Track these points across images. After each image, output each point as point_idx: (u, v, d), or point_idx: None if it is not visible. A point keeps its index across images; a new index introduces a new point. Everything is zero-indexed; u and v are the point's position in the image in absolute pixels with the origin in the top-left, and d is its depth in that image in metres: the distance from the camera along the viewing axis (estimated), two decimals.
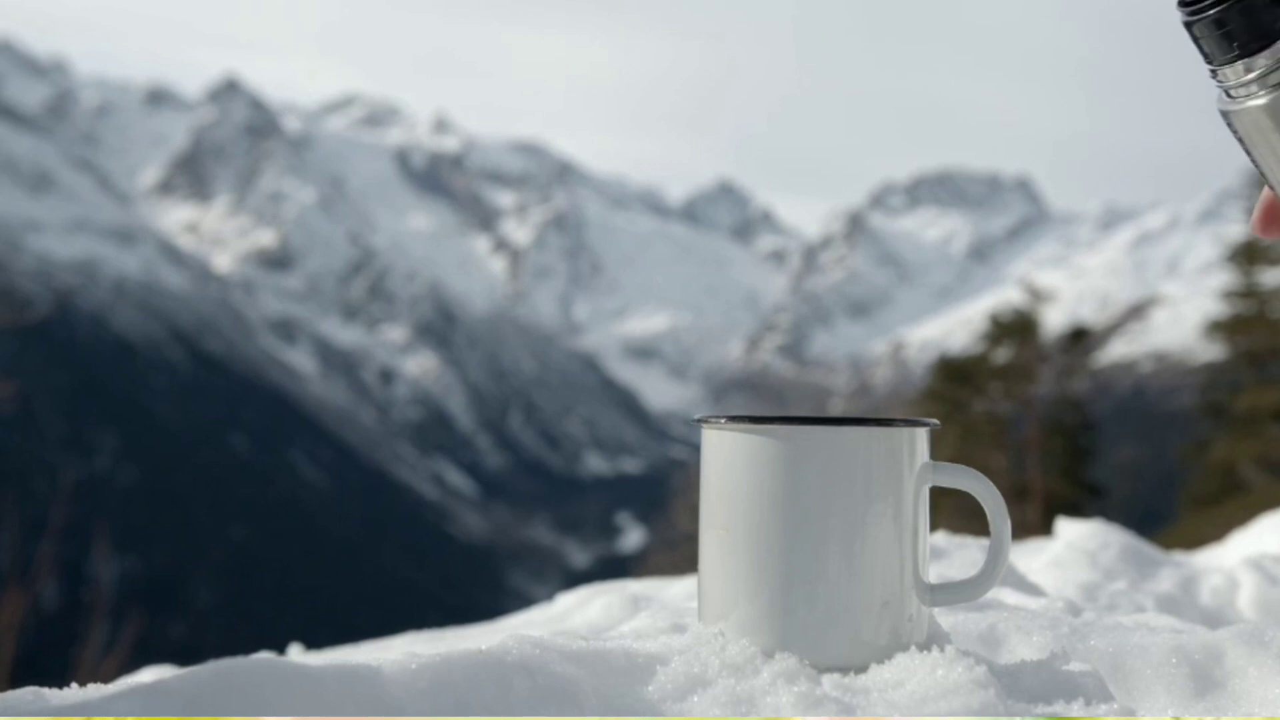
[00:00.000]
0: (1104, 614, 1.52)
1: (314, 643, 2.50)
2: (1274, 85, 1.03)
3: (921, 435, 1.09)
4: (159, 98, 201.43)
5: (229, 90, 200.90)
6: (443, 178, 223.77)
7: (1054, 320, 30.66)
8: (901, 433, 1.08)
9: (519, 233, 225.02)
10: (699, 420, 1.11)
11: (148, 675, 1.46)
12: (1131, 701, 1.10)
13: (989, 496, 1.09)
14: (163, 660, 2.48)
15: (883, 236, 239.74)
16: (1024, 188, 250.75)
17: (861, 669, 1.04)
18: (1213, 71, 1.05)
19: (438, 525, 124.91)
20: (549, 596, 2.36)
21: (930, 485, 1.11)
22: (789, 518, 1.06)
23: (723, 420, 1.09)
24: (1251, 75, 1.03)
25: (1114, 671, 1.13)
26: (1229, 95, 1.05)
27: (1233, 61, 1.03)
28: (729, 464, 1.08)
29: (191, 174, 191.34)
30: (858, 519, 1.06)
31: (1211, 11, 1.01)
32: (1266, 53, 1.02)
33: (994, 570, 1.10)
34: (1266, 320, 22.75)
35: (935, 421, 1.11)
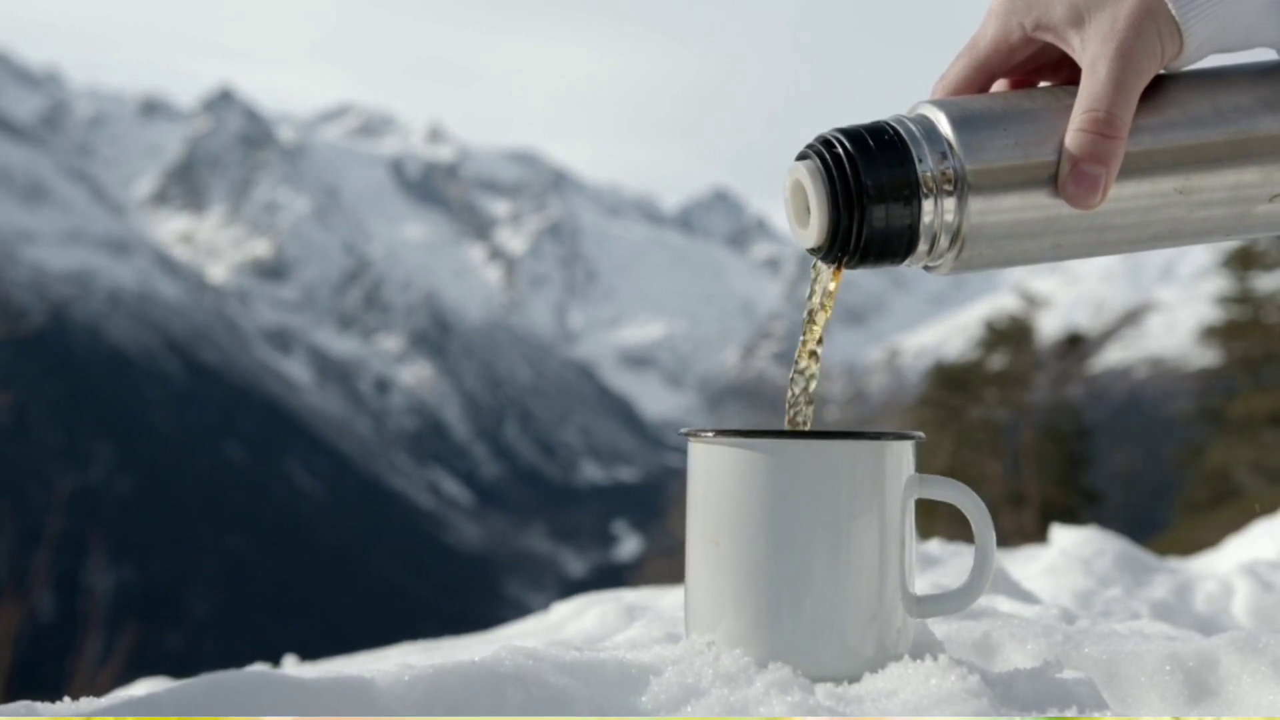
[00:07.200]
0: (1098, 621, 1.52)
1: (310, 652, 2.50)
2: (954, 245, 1.01)
3: (907, 448, 1.09)
4: (153, 108, 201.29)
5: (223, 100, 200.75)
6: (437, 187, 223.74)
7: (1049, 326, 30.64)
8: (887, 446, 1.07)
9: (514, 241, 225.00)
10: (686, 434, 1.11)
11: (142, 688, 1.47)
12: (1126, 709, 1.11)
13: (974, 508, 1.09)
14: (158, 671, 2.48)
15: None
16: None
17: (854, 679, 1.04)
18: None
19: (433, 534, 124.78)
20: (545, 605, 2.36)
21: (916, 498, 1.11)
22: (775, 531, 1.06)
23: (709, 433, 1.09)
24: (935, 255, 1.02)
25: (1108, 679, 1.13)
26: (928, 267, 1.04)
27: (913, 257, 1.02)
28: (716, 477, 1.08)
29: (186, 184, 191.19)
30: (843, 532, 1.06)
31: (860, 248, 0.99)
32: (921, 245, 1.00)
33: (979, 582, 1.10)
34: (1261, 325, 22.75)
35: (920, 434, 1.10)
